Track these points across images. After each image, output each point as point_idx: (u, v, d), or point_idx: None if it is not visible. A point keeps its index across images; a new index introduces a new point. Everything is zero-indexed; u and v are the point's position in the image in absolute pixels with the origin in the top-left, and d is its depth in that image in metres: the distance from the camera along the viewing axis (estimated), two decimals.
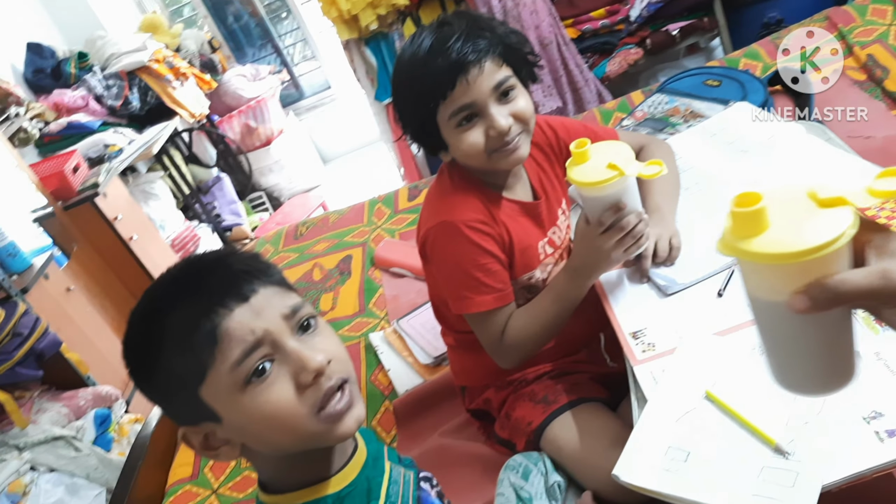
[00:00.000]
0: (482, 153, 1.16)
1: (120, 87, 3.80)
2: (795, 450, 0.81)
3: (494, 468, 1.26)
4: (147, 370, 0.75)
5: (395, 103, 1.23)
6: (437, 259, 1.23)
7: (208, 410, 0.73)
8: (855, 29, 2.05)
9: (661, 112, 1.93)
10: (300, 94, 5.47)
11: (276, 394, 0.72)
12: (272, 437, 0.75)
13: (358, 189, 4.51)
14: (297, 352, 0.73)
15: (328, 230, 2.39)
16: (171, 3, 5.19)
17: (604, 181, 1.06)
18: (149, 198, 3.82)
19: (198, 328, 0.71)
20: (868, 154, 1.28)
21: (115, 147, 3.53)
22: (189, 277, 0.78)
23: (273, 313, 0.75)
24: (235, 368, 0.71)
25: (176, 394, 0.74)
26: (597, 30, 3.22)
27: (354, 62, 3.45)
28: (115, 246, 3.24)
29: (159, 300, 0.76)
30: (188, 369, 0.71)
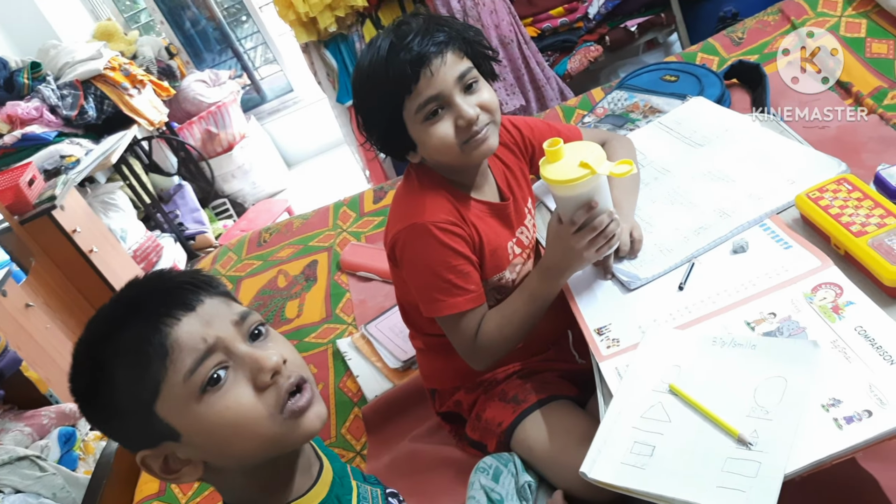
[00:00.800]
0: (454, 146, 1.15)
1: (75, 96, 3.72)
2: (758, 440, 0.82)
3: (466, 471, 1.25)
4: (97, 397, 0.73)
5: (357, 110, 1.21)
6: (407, 262, 1.22)
7: (166, 428, 0.71)
8: (807, 21, 2.08)
9: (622, 108, 1.95)
10: (262, 98, 5.41)
11: (235, 398, 0.71)
12: (235, 446, 0.73)
13: (323, 192, 4.48)
14: (251, 353, 0.73)
15: (292, 235, 2.37)
16: (126, 10, 5.11)
17: (576, 179, 1.07)
18: (108, 209, 3.75)
19: (146, 342, 0.70)
20: (823, 144, 1.30)
21: (72, 158, 3.46)
22: (130, 298, 0.76)
23: (223, 321, 0.74)
24: (189, 378, 0.70)
25: (130, 415, 0.72)
26: (556, 28, 3.24)
27: (315, 65, 3.42)
28: (75, 259, 3.17)
29: (103, 324, 0.74)
30: (141, 386, 0.70)
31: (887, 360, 0.83)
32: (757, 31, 2.20)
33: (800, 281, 0.99)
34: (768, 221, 1.13)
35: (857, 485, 1.03)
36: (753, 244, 1.10)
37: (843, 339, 0.88)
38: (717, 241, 1.14)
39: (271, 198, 4.82)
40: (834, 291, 0.95)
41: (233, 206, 4.79)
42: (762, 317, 0.97)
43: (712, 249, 1.14)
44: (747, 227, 1.14)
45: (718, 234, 1.15)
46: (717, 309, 1.02)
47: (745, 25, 2.25)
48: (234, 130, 4.67)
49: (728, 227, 1.15)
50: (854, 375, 0.83)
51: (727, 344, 0.95)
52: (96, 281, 3.24)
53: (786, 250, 1.05)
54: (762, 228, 1.12)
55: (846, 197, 1.03)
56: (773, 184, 1.19)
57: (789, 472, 0.77)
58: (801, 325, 0.93)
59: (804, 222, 1.09)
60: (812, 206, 1.05)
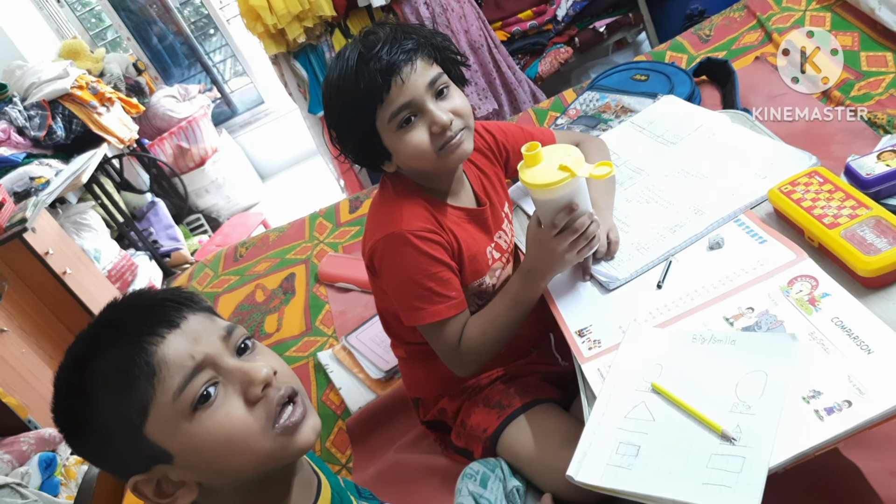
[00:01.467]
0: (430, 152, 1.15)
1: (42, 117, 3.67)
2: (741, 435, 0.82)
3: (453, 479, 1.25)
4: (83, 426, 0.70)
5: (329, 124, 1.20)
6: (386, 272, 1.21)
7: (157, 450, 0.70)
8: (773, 16, 2.11)
9: (594, 109, 1.96)
10: (233, 111, 5.38)
11: (227, 414, 0.70)
12: (230, 463, 0.71)
13: (299, 204, 4.46)
14: (240, 367, 0.72)
15: (269, 249, 2.35)
16: (92, 27, 5.06)
17: (556, 182, 1.07)
18: (81, 229, 3.70)
19: (132, 363, 0.68)
20: (793, 137, 1.31)
21: (42, 179, 3.41)
22: (109, 320, 0.74)
23: (209, 337, 0.73)
24: (178, 397, 0.68)
25: (119, 441, 0.70)
26: (525, 31, 3.26)
27: (285, 76, 3.41)
28: (49, 282, 3.12)
29: (83, 349, 0.72)
30: (128, 409, 0.68)
31: (864, 349, 0.83)
32: (724, 28, 2.22)
33: (776, 275, 0.99)
34: (742, 217, 1.14)
35: (841, 474, 1.04)
36: (729, 240, 1.11)
37: (821, 330, 0.89)
38: (693, 239, 1.15)
39: (246, 211, 4.79)
40: (810, 284, 0.95)
41: (207, 221, 4.75)
42: (740, 312, 0.97)
43: (689, 247, 1.15)
44: (722, 223, 1.15)
45: (694, 231, 1.15)
46: (695, 306, 1.03)
47: (712, 22, 2.27)
48: (205, 145, 4.64)
49: (703, 223, 1.16)
50: (833, 366, 0.84)
51: (707, 340, 0.95)
52: (71, 303, 3.20)
53: (761, 245, 1.06)
54: (737, 224, 1.13)
55: (818, 189, 1.04)
56: (745, 179, 1.20)
57: (773, 466, 0.77)
58: (779, 318, 0.93)
59: (778, 216, 1.10)
60: (785, 199, 1.05)
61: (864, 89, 1.71)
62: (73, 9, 4.90)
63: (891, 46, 1.76)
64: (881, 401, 0.77)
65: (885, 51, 1.77)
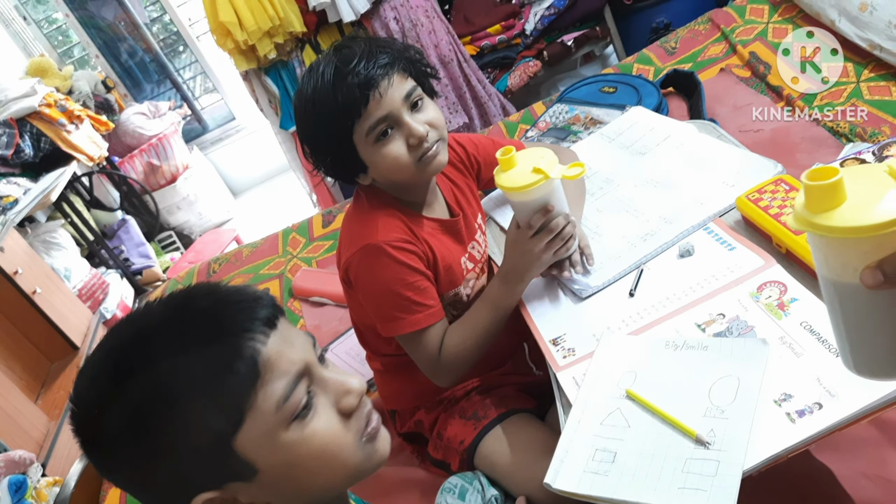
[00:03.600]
0: (409, 164, 1.16)
1: (10, 135, 3.62)
2: (715, 439, 0.83)
3: (431, 491, 1.24)
4: (146, 436, 0.59)
5: (303, 138, 1.20)
6: (363, 283, 1.21)
7: (242, 465, 0.61)
8: (736, 28, 2.15)
9: (563, 121, 1.98)
10: (203, 127, 5.35)
11: (324, 425, 0.65)
12: (320, 478, 0.66)
13: (271, 220, 4.44)
14: (335, 378, 0.68)
15: (242, 264, 2.34)
16: (60, 45, 5.00)
17: (530, 185, 1.09)
18: (50, 248, 3.65)
19: (235, 360, 0.60)
20: (758, 146, 1.34)
21: (10, 198, 3.37)
22: (197, 309, 0.64)
23: (304, 343, 0.67)
24: (282, 406, 0.61)
25: (195, 455, 0.60)
26: (495, 45, 3.29)
27: (256, 92, 3.40)
28: (17, 301, 3.07)
29: (159, 340, 0.61)
30: (221, 416, 0.59)
31: (833, 352, 0.85)
32: (689, 41, 2.26)
33: (745, 281, 1.01)
34: (712, 224, 1.16)
35: (813, 476, 1.06)
36: (699, 248, 1.12)
37: (790, 334, 0.90)
38: (664, 247, 1.17)
39: (218, 227, 4.76)
40: (778, 289, 0.97)
41: (179, 238, 4.71)
42: (711, 318, 0.99)
43: (660, 255, 1.16)
44: (692, 231, 1.16)
45: (664, 239, 1.17)
46: (667, 313, 1.04)
47: (678, 35, 2.31)
48: (176, 162, 4.60)
49: (673, 232, 1.18)
50: (803, 370, 0.85)
51: (680, 347, 0.97)
52: (41, 322, 3.15)
53: (730, 252, 1.08)
54: (706, 232, 1.15)
55: (784, 197, 1.07)
56: (713, 188, 1.22)
57: (747, 468, 0.79)
58: (750, 323, 0.95)
59: (746, 223, 1.12)
60: (752, 207, 1.08)
61: (827, 99, 1.75)
62: (39, 26, 4.84)
63: (851, 57, 1.80)
64: (851, 403, 0.78)
65: (845, 61, 1.81)
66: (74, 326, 3.30)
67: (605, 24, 3.26)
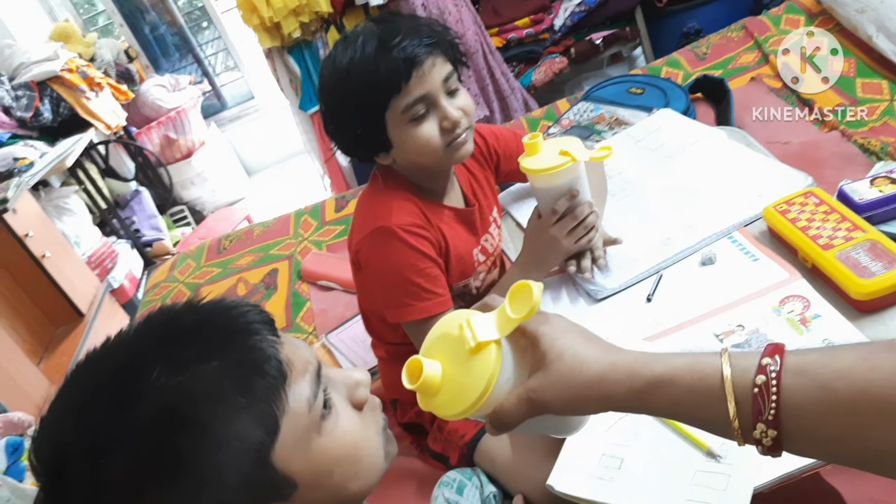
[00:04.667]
0: (439, 147, 1.14)
1: (30, 97, 3.62)
2: (727, 453, 0.81)
3: (428, 483, 1.23)
4: (174, 480, 0.50)
5: (329, 109, 1.17)
6: (373, 267, 1.19)
7: (280, 481, 0.55)
8: (770, 38, 2.11)
9: (587, 119, 1.95)
10: (222, 104, 5.34)
11: (348, 422, 0.62)
12: (354, 483, 0.62)
13: (284, 201, 4.43)
14: (341, 372, 0.65)
15: (253, 243, 2.32)
16: (85, 12, 5.00)
17: (557, 167, 1.08)
18: (63, 213, 3.65)
19: (262, 362, 0.55)
20: (786, 159, 1.31)
21: (26, 160, 3.36)
22: (203, 322, 0.57)
23: (302, 343, 0.63)
24: (312, 406, 0.57)
25: (228, 479, 0.52)
26: (521, 39, 3.25)
27: (277, 71, 3.38)
28: (27, 264, 3.07)
29: (165, 362, 0.52)
30: (257, 428, 0.53)
31: None
32: (721, 47, 2.23)
33: (768, 293, 0.99)
34: (736, 234, 1.13)
35: (823, 498, 1.03)
36: (721, 256, 1.10)
37: None
38: (685, 253, 1.14)
39: (230, 206, 4.75)
40: (802, 304, 0.95)
41: (191, 213, 4.71)
42: (730, 329, 0.96)
43: (680, 261, 1.14)
44: (715, 239, 1.14)
45: (686, 245, 1.15)
46: (685, 321, 1.02)
47: (710, 41, 2.28)
48: (193, 137, 4.60)
49: (695, 238, 1.15)
50: None
51: None
52: (49, 287, 3.15)
53: (754, 263, 1.05)
54: (730, 241, 1.12)
55: (813, 210, 1.04)
56: (740, 196, 1.20)
57: (758, 486, 0.77)
58: (770, 337, 0.93)
59: (772, 235, 1.09)
60: (780, 218, 1.05)
61: (859, 115, 1.71)
62: None
63: (886, 75, 1.77)
64: None
65: (880, 78, 1.77)
66: (81, 293, 3.30)
67: (636, 26, 3.22)
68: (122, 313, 3.58)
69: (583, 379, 0.57)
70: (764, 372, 0.49)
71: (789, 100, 1.89)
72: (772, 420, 0.49)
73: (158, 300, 2.22)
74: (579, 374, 0.57)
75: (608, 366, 0.57)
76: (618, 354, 0.58)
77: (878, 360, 0.45)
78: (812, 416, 0.48)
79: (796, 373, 0.49)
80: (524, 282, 0.58)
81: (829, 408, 0.47)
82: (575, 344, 0.59)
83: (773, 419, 0.49)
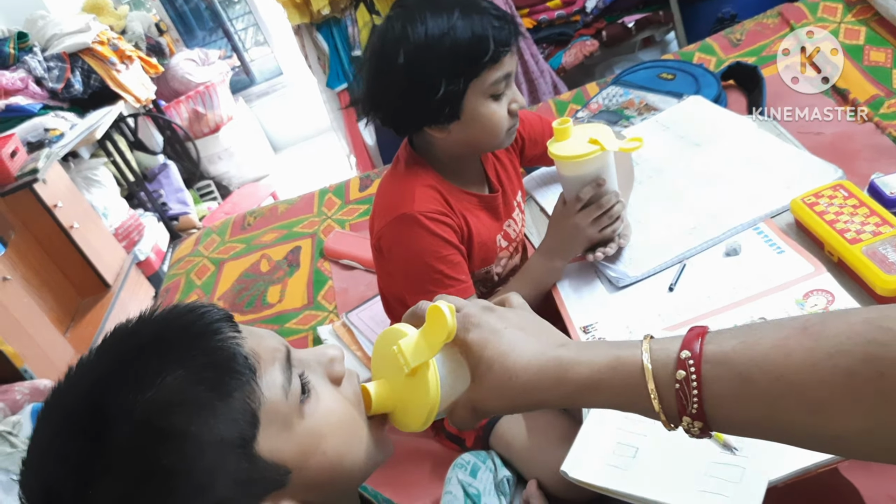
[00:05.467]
0: (503, 129, 1.16)
1: (62, 69, 3.66)
2: (743, 445, 0.80)
3: (443, 464, 1.23)
4: (164, 494, 0.51)
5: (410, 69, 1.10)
6: (396, 254, 1.19)
7: (272, 470, 0.55)
8: (806, 25, 2.07)
9: (616, 104, 1.93)
10: (251, 80, 5.35)
11: (330, 399, 0.61)
12: (347, 458, 0.61)
13: (309, 179, 4.44)
14: (312, 352, 0.64)
15: (277, 220, 2.34)
16: None
17: (585, 155, 1.07)
18: (91, 185, 3.70)
19: (228, 361, 0.54)
20: (818, 150, 1.28)
21: (56, 131, 3.40)
22: (160, 333, 0.56)
23: (267, 332, 0.62)
24: (287, 391, 0.57)
25: (223, 481, 0.52)
26: (552, 20, 3.21)
27: (306, 48, 3.37)
28: (55, 234, 3.12)
29: (128, 380, 0.52)
30: (236, 425, 0.53)
31: None
32: (755, 34, 2.18)
33: (792, 286, 0.97)
34: (762, 225, 1.11)
35: (840, 494, 1.02)
36: (746, 247, 1.08)
37: None
38: (710, 243, 1.13)
39: (256, 182, 4.78)
40: (826, 298, 0.93)
41: (217, 188, 4.74)
42: (752, 321, 0.95)
43: (704, 251, 1.12)
44: (741, 229, 1.12)
45: (711, 235, 1.13)
46: (706, 311, 1.01)
47: (744, 27, 2.23)
48: (221, 111, 4.62)
49: (721, 228, 1.13)
50: None
51: None
52: (76, 257, 3.20)
53: (779, 255, 1.04)
54: (756, 232, 1.11)
55: (842, 203, 1.02)
56: (768, 187, 1.18)
57: (773, 479, 0.76)
58: None
59: (798, 227, 1.07)
60: (807, 211, 1.03)
61: (894, 107, 1.67)
62: None
63: None
64: None
65: None
66: (108, 264, 3.35)
67: (669, 10, 3.16)
68: (147, 285, 3.63)
69: (513, 390, 0.58)
70: (683, 367, 0.50)
71: None
72: (695, 413, 0.50)
73: (183, 274, 2.24)
74: (508, 386, 0.58)
75: (535, 374, 0.57)
76: (544, 356, 0.58)
77: (792, 345, 0.47)
78: (733, 405, 0.49)
79: (716, 363, 0.50)
80: (436, 306, 0.58)
81: (749, 397, 0.48)
82: (503, 350, 0.59)
83: (697, 412, 0.50)
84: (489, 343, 0.59)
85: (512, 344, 0.59)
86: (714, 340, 0.51)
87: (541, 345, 0.59)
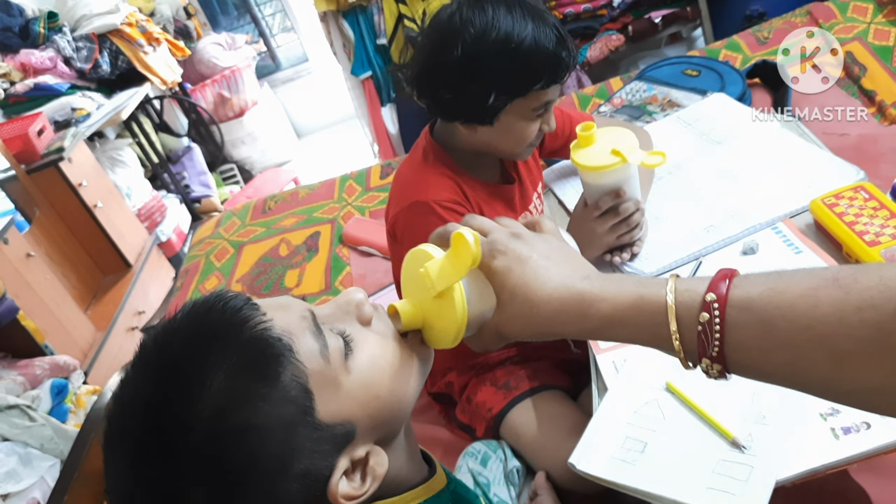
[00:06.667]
0: (527, 146, 1.19)
1: (90, 49, 3.69)
2: (752, 444, 0.80)
3: (453, 452, 1.24)
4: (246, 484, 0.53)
5: (448, 63, 1.09)
6: (409, 240, 1.19)
7: (339, 429, 0.58)
8: (835, 25, 2.04)
9: (639, 100, 1.92)
10: (276, 65, 5.37)
11: (372, 345, 0.63)
12: (401, 393, 0.63)
13: (332, 165, 4.46)
14: (337, 303, 0.65)
15: (297, 205, 2.35)
16: None
17: (606, 166, 1.07)
18: (116, 165, 3.74)
19: (265, 348, 0.55)
20: (842, 151, 1.27)
21: (83, 111, 3.44)
22: (178, 344, 0.56)
23: (288, 299, 0.63)
24: (327, 353, 0.58)
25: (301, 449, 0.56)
26: (579, 14, 3.19)
27: (331, 35, 3.38)
28: (79, 213, 3.16)
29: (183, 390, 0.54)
30: (293, 404, 0.55)
31: None
32: (783, 32, 2.15)
33: None
34: (781, 225, 1.11)
35: (848, 497, 1.02)
36: (764, 246, 1.08)
37: None
38: (727, 241, 1.12)
39: (279, 167, 4.80)
40: None
41: (240, 172, 4.77)
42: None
43: (721, 249, 1.12)
44: (759, 228, 1.12)
45: (729, 233, 1.13)
46: None
47: (772, 25, 2.21)
48: (246, 96, 4.64)
49: (739, 227, 1.13)
50: None
51: None
52: (99, 236, 3.24)
53: (796, 255, 1.03)
54: (774, 231, 1.10)
55: (862, 205, 1.01)
56: (788, 187, 1.17)
57: (781, 479, 0.76)
58: None
59: (817, 228, 1.07)
60: (826, 212, 1.02)
61: None
62: None
63: None
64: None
65: None
66: (130, 244, 3.39)
67: (697, 6, 3.14)
68: (167, 266, 3.67)
69: (535, 320, 0.59)
70: (708, 309, 0.50)
71: (850, 90, 1.83)
72: (715, 356, 0.50)
73: (202, 256, 2.27)
74: (530, 316, 0.59)
75: (557, 307, 0.58)
76: (567, 289, 0.58)
77: (820, 295, 0.46)
78: (755, 352, 0.49)
79: (741, 308, 0.49)
80: (460, 234, 0.59)
81: (772, 345, 0.48)
82: (526, 280, 0.59)
83: (717, 355, 0.50)
84: (513, 271, 0.60)
85: (536, 273, 0.59)
86: (741, 285, 0.50)
87: (564, 276, 0.59)
